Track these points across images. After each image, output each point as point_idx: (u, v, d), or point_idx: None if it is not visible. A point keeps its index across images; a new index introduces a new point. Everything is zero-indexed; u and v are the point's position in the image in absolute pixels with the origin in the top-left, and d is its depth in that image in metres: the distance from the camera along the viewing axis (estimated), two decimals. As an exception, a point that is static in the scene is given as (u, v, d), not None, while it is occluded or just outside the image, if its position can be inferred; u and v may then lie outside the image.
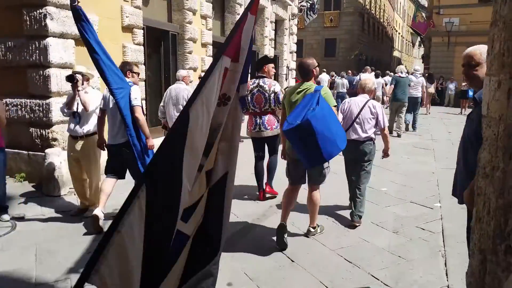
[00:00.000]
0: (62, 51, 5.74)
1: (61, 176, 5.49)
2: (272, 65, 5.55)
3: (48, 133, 5.76)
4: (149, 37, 8.35)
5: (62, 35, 5.73)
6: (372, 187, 6.00)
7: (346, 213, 4.90)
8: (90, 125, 4.84)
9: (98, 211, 4.34)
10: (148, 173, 1.80)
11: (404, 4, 56.61)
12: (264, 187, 5.50)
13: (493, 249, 1.49)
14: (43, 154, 5.64)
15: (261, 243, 4.10)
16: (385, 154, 4.77)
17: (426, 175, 6.78)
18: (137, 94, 4.42)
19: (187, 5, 9.33)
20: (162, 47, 9.09)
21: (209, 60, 10.57)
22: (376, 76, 15.69)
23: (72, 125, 4.83)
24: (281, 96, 5.09)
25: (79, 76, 4.66)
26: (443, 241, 4.19)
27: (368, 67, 17.16)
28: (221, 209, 2.25)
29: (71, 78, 4.59)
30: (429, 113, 16.67)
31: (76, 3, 3.99)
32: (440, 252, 3.95)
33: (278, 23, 17.37)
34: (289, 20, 18.26)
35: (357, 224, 4.55)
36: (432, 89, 17.29)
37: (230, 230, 4.07)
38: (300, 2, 19.99)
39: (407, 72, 12.20)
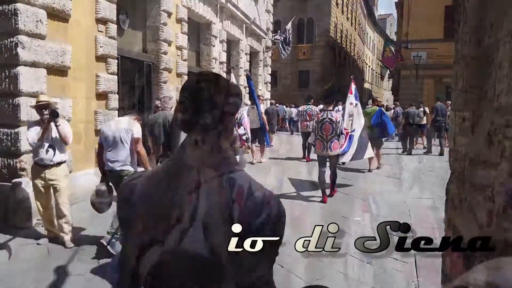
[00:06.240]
0: (33, 80, 5.64)
1: (29, 207, 5.29)
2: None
3: (16, 162, 5.58)
4: (123, 66, 8.34)
5: (33, 64, 5.65)
6: (346, 216, 6.05)
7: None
8: (65, 154, 4.95)
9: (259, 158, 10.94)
10: None
11: (374, 38, 58.81)
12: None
13: (464, 281, 1.50)
14: (9, 184, 5.43)
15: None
16: None
17: (398, 205, 6.87)
18: (262, 108, 10.85)
19: (162, 36, 9.42)
20: (137, 77, 9.09)
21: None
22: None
23: (42, 155, 4.72)
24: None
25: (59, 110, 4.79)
26: (416, 271, 4.22)
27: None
28: None
29: (54, 113, 4.58)
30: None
31: (248, 73, 14.73)
32: (413, 283, 3.96)
33: (253, 55, 17.71)
34: (263, 53, 18.64)
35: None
36: None
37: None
38: (274, 36, 20.51)
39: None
